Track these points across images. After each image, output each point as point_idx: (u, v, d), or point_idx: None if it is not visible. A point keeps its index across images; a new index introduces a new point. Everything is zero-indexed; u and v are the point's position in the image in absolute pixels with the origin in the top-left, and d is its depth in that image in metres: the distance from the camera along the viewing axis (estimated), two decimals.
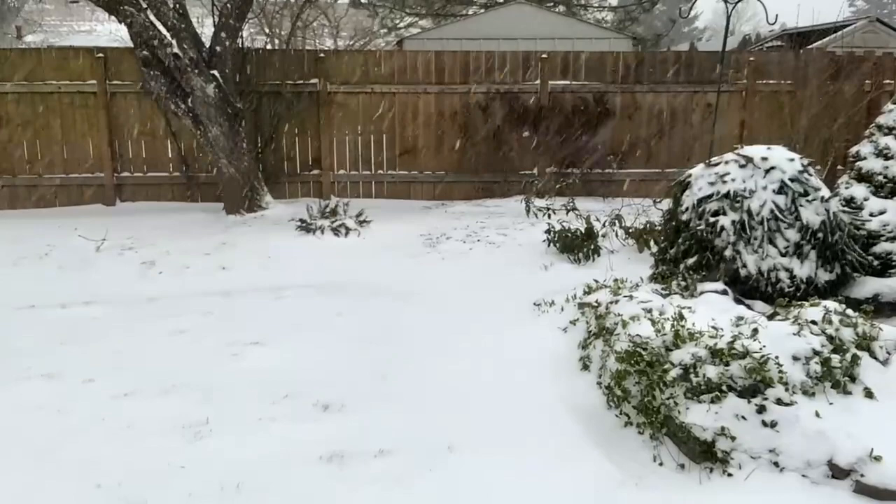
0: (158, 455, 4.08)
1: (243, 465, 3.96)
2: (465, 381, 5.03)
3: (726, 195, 5.87)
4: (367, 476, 3.87)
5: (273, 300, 6.96)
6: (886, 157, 6.42)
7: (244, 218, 10.20)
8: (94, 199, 11.26)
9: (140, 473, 3.89)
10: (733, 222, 5.78)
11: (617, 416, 4.49)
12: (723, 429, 3.82)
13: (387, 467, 3.96)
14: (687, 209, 6.12)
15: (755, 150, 6.03)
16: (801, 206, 5.79)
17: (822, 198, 5.88)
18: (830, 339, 4.32)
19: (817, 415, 3.83)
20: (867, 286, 6.00)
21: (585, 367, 5.15)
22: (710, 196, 5.96)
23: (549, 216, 9.14)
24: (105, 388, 4.99)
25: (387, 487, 3.75)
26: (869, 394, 4.07)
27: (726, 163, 6.05)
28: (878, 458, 3.57)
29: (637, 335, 4.72)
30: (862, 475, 3.56)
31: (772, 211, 5.75)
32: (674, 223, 6.35)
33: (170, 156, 11.36)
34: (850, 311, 4.65)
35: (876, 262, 6.14)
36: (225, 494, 3.69)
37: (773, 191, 5.80)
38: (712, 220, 5.88)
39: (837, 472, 3.62)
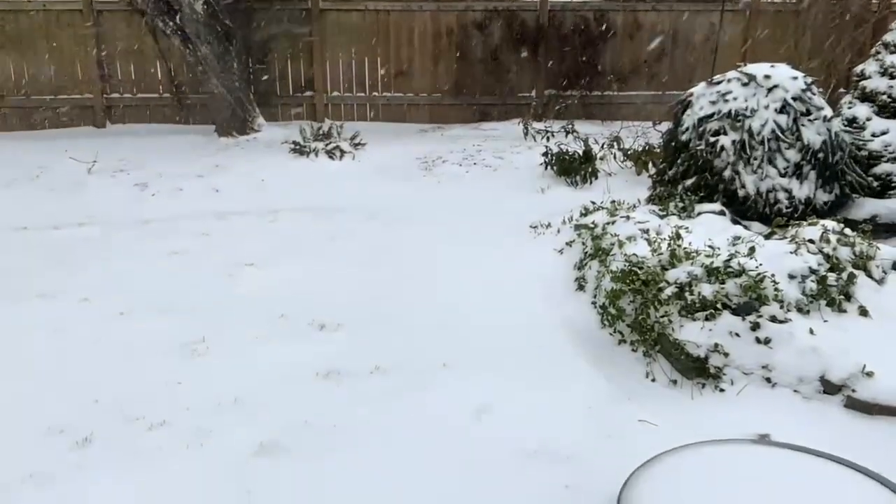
0: (155, 372, 4.10)
1: (240, 381, 3.98)
2: (460, 302, 5.04)
3: (728, 114, 5.76)
4: (363, 392, 3.91)
5: (268, 223, 6.91)
6: (892, 77, 6.29)
7: (237, 140, 10.05)
8: (83, 122, 11.05)
9: (137, 390, 3.91)
10: (734, 142, 5.70)
11: (611, 334, 4.51)
12: (716, 345, 3.84)
13: (383, 384, 3.99)
14: (687, 129, 6.03)
15: (758, 68, 5.90)
16: (802, 125, 5.69)
17: (825, 117, 5.78)
18: (827, 257, 4.31)
19: (811, 332, 3.84)
20: (865, 207, 5.97)
21: (581, 288, 5.15)
22: (711, 115, 5.86)
23: (548, 139, 9.01)
24: (101, 307, 4.99)
25: (383, 403, 3.78)
26: (864, 312, 4.08)
27: (728, 81, 5.92)
28: (869, 374, 3.60)
29: (633, 255, 4.71)
30: (853, 391, 3.59)
31: (773, 131, 5.66)
32: (673, 143, 6.26)
33: (160, 77, 11.09)
34: (847, 231, 4.63)
35: (875, 184, 6.09)
36: (222, 409, 3.72)
37: (776, 110, 5.70)
38: (712, 139, 5.79)
39: (829, 387, 3.66)
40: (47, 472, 3.21)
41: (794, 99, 5.67)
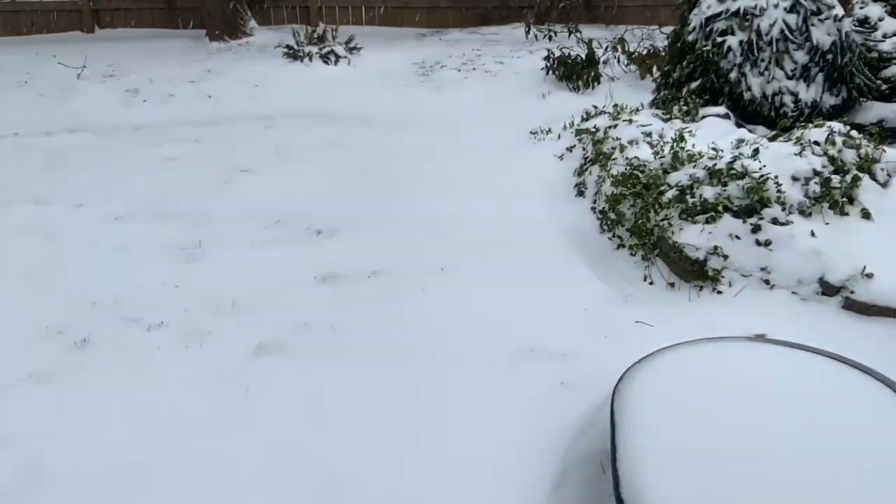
0: (152, 276, 4.09)
1: (237, 285, 3.97)
2: (458, 208, 4.98)
3: (735, 13, 5.55)
4: (361, 295, 3.90)
5: (262, 129, 6.78)
6: None
7: (228, 45, 9.76)
8: (71, 26, 10.71)
9: (134, 293, 3.90)
10: (741, 42, 5.51)
11: (610, 239, 4.48)
12: (715, 248, 3.81)
13: (380, 287, 3.98)
14: (694, 29, 5.82)
15: None
16: (812, 25, 5.49)
17: (836, 17, 5.57)
18: (832, 160, 4.22)
19: (812, 234, 3.80)
20: (872, 111, 5.83)
21: (580, 194, 5.09)
22: (718, 14, 5.64)
23: (550, 38, 8.72)
24: (95, 213, 4.94)
25: (381, 305, 3.78)
26: (866, 215, 4.03)
27: None
28: (869, 276, 3.59)
29: (635, 157, 4.62)
30: (852, 292, 3.58)
31: (782, 31, 5.46)
32: (679, 45, 6.06)
33: None
34: (854, 133, 4.52)
35: (884, 87, 5.92)
36: (220, 311, 3.72)
37: (785, 9, 5.49)
38: (719, 40, 5.60)
39: (828, 289, 3.65)
40: (46, 371, 3.23)
41: None
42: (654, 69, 7.40)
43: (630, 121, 5.23)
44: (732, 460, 2.13)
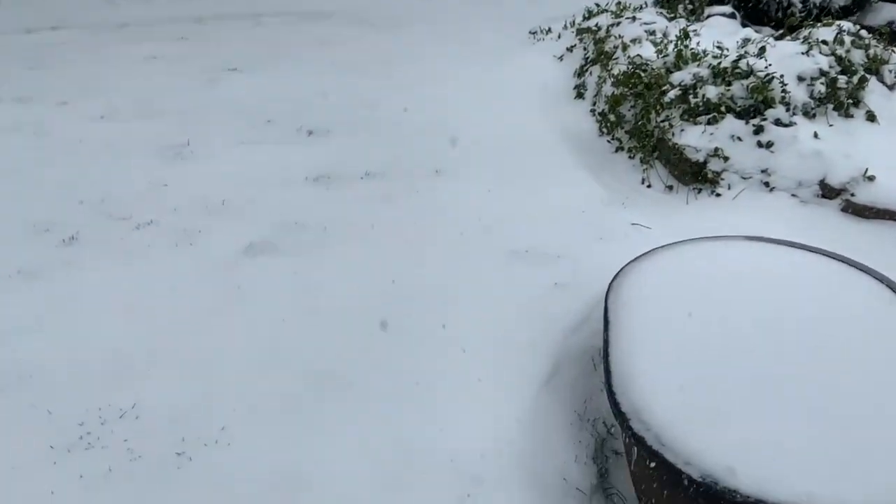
0: (140, 174, 4.00)
1: (227, 185, 3.89)
2: (454, 111, 4.86)
3: None
4: (354, 195, 3.83)
5: (251, 27, 6.54)
6: None
7: None
8: None
9: (122, 191, 3.82)
10: None
11: (609, 141, 4.38)
12: (716, 149, 3.73)
13: (373, 188, 3.90)
14: None
15: None
16: None
17: None
18: (839, 60, 4.09)
19: (816, 136, 3.72)
20: (882, 13, 5.63)
21: (580, 96, 4.96)
22: None
23: None
24: (80, 111, 4.80)
25: (374, 205, 3.71)
26: (871, 117, 3.93)
27: None
28: (871, 178, 3.52)
29: (637, 56, 4.47)
30: (852, 195, 3.53)
31: None
32: None
33: None
34: (863, 33, 4.37)
35: None
36: (210, 210, 3.66)
37: None
38: None
39: (828, 191, 3.59)
40: (35, 267, 3.19)
41: None
42: None
43: (633, 18, 5.04)
44: (726, 354, 2.12)
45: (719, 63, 4.01)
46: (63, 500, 2.10)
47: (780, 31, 4.78)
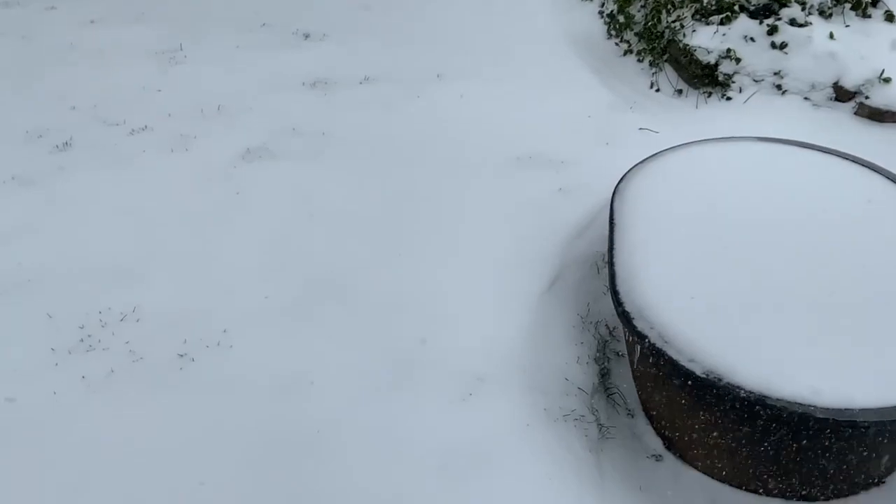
0: (132, 80, 3.89)
1: (223, 89, 3.79)
2: (457, 14, 4.68)
3: None
4: (352, 100, 3.72)
5: None
6: None
7: None
8: None
9: (115, 97, 3.73)
10: None
11: (617, 44, 4.24)
12: (728, 51, 3.60)
13: (373, 93, 3.79)
14: None
15: None
16: None
17: None
18: None
19: (831, 36, 3.57)
20: None
21: None
22: None
23: None
24: (69, 15, 4.65)
25: (374, 110, 3.61)
26: (890, 17, 3.76)
27: None
28: (886, 80, 3.40)
29: None
30: (867, 97, 3.42)
31: None
32: None
33: None
34: None
35: None
36: (206, 116, 3.57)
37: None
38: None
39: (841, 94, 3.48)
40: (29, 173, 3.13)
41: None
42: None
43: None
44: (731, 253, 2.08)
45: None
46: (66, 400, 2.11)
47: None
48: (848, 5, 3.74)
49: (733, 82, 3.61)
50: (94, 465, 1.92)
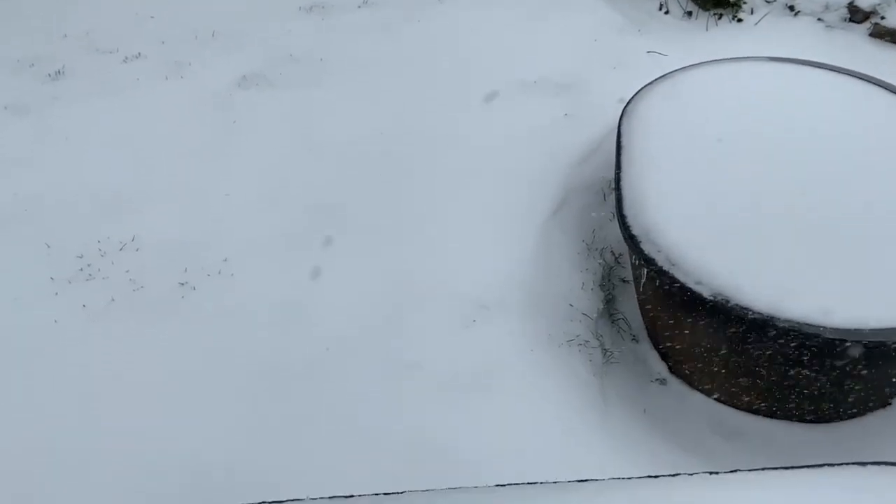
0: (124, 7, 3.78)
1: (216, 15, 3.66)
2: None
3: None
4: (351, 25, 3.60)
5: None
6: None
7: None
8: None
9: (107, 24, 3.63)
10: None
11: None
12: None
13: (372, 17, 3.66)
14: None
15: None
16: None
17: None
18: None
19: None
20: None
21: None
22: None
23: None
24: None
25: (373, 35, 3.50)
26: None
27: None
28: None
29: None
30: (882, 17, 3.29)
31: None
32: None
33: None
34: None
35: None
36: (201, 42, 3.47)
37: None
38: None
39: (856, 15, 3.36)
40: (22, 102, 3.07)
41: None
42: None
43: None
44: (741, 176, 2.02)
45: None
46: (67, 328, 2.10)
47: None
48: None
49: (745, 3, 3.48)
50: (96, 391, 1.92)
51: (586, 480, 1.16)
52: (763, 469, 1.14)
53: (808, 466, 1.12)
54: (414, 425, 1.83)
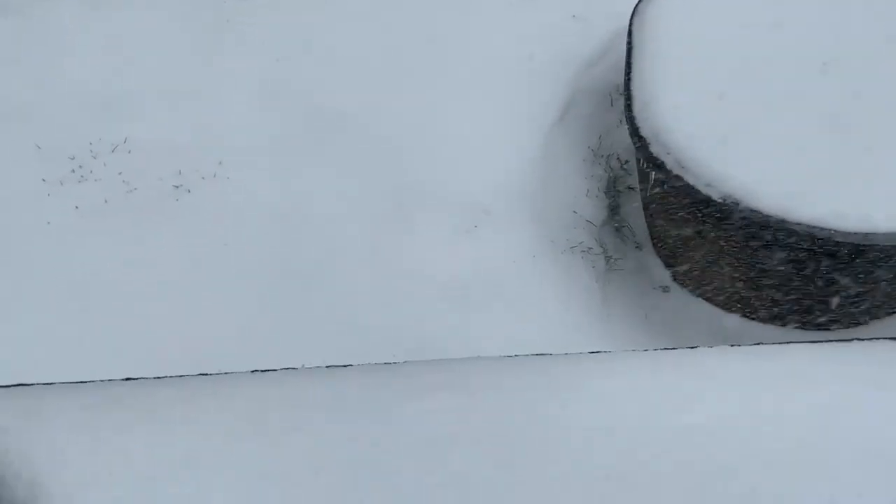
0: None
1: None
2: None
3: None
4: None
5: None
6: None
7: None
8: None
9: None
10: None
11: None
12: None
13: None
14: None
15: None
16: None
17: None
18: None
19: None
20: None
21: None
22: None
23: None
24: None
25: None
26: None
27: None
28: None
29: None
30: None
31: None
32: None
33: None
34: None
35: None
36: None
37: None
38: None
39: None
40: (6, 1, 2.92)
41: None
42: None
43: None
44: (753, 78, 1.95)
45: None
46: (60, 229, 2.06)
47: None
48: None
49: None
50: (92, 291, 1.90)
51: (605, 352, 1.15)
52: (788, 343, 1.12)
53: (837, 341, 1.10)
54: (414, 325, 1.81)
